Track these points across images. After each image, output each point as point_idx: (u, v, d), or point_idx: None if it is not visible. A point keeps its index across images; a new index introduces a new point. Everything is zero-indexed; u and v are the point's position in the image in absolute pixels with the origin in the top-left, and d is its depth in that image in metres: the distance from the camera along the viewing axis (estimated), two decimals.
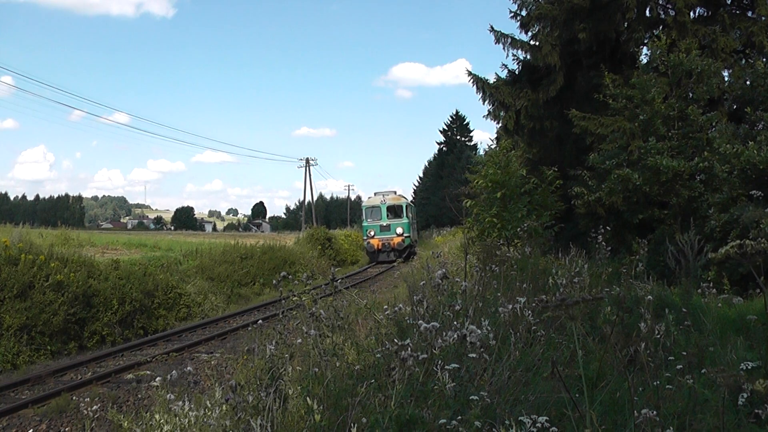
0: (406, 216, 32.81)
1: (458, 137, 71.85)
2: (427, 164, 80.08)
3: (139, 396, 7.99)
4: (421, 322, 3.25)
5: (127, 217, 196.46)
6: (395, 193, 34.57)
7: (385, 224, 32.10)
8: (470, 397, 2.70)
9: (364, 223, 33.20)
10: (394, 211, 32.65)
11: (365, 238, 32.55)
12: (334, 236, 35.35)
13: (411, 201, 39.03)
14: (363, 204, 35.87)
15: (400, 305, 4.64)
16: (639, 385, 3.54)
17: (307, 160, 55.07)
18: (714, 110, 13.14)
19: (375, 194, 34.32)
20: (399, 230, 31.95)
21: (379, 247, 31.64)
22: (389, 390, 3.03)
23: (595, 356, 4.16)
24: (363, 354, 4.41)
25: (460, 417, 2.60)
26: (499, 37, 17.39)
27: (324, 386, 3.53)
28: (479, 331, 3.10)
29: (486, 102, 17.94)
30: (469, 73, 18.01)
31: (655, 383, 3.36)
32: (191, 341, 11.93)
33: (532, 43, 17.60)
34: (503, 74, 18.83)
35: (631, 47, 15.96)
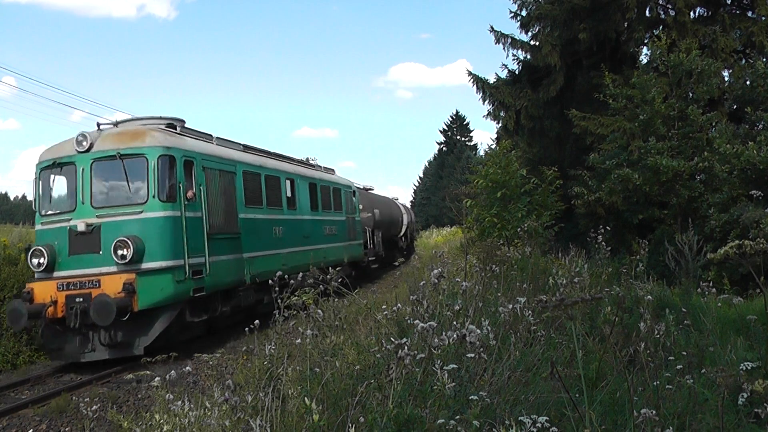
0: (180, 196, 9.45)
1: (458, 137, 71.84)
2: (427, 164, 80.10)
3: (139, 396, 7.99)
4: (417, 321, 3.24)
5: None
6: (166, 124, 10.55)
7: (81, 228, 9.17)
8: (470, 397, 2.70)
9: (38, 226, 10.09)
10: (127, 171, 9.41)
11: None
12: None
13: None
14: (37, 162, 10.09)
15: (399, 305, 4.64)
16: (639, 385, 3.54)
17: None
18: (714, 110, 13.14)
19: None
20: (122, 250, 8.86)
21: (56, 313, 8.83)
22: (388, 390, 3.04)
23: (595, 356, 4.15)
24: (363, 354, 4.41)
25: (458, 417, 2.60)
26: (499, 37, 17.41)
27: (322, 386, 3.53)
28: (479, 331, 3.10)
29: (486, 102, 17.97)
30: (470, 74, 18.05)
31: (655, 383, 3.35)
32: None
33: (532, 43, 17.62)
34: (503, 74, 18.88)
35: (631, 47, 15.97)
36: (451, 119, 73.88)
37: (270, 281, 5.63)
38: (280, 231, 12.92)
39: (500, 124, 18.66)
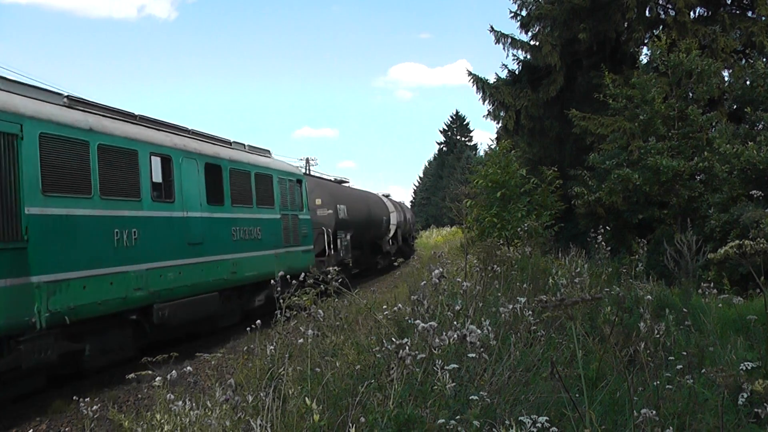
0: None
1: (458, 137, 71.89)
2: (427, 164, 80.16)
3: (140, 396, 7.99)
4: (418, 321, 3.25)
5: None
6: None
7: None
8: (470, 397, 2.71)
9: None
10: None
11: None
12: None
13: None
14: None
15: (400, 305, 4.65)
16: (639, 385, 3.54)
17: (307, 160, 55.06)
18: (714, 110, 13.16)
19: None
20: None
21: None
22: (389, 390, 3.04)
23: (595, 356, 4.16)
24: (363, 354, 4.42)
25: (459, 417, 2.60)
26: (499, 37, 17.43)
27: (323, 386, 3.53)
28: (479, 331, 3.10)
29: (486, 102, 17.99)
30: (470, 74, 18.07)
31: (655, 383, 3.36)
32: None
33: (532, 43, 17.64)
34: (503, 74, 18.91)
35: (631, 47, 15.98)
36: (451, 119, 73.97)
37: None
38: (133, 236, 8.22)
39: (500, 124, 18.68)
